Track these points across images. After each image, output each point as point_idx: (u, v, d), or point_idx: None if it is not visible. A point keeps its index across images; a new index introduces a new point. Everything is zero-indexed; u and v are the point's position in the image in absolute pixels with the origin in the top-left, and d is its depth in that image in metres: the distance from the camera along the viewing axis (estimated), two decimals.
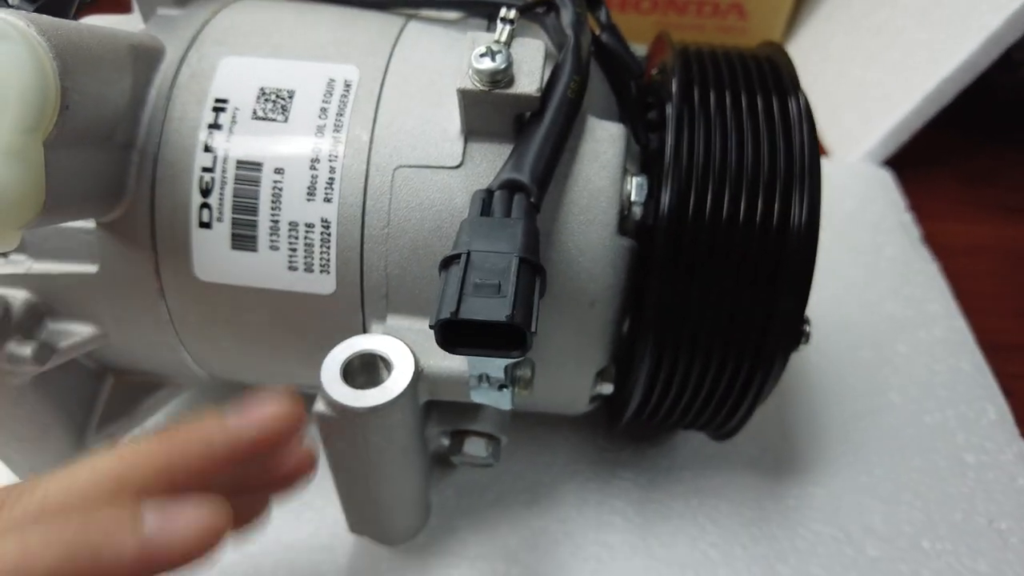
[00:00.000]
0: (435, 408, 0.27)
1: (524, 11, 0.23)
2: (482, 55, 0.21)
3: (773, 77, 0.27)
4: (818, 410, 0.36)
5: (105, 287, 0.25)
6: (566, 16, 0.24)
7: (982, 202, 0.54)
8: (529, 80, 0.22)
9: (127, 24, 0.27)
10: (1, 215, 0.19)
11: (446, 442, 0.28)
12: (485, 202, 0.21)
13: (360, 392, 0.22)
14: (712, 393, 0.26)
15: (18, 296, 0.26)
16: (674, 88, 0.25)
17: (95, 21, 0.29)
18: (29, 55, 0.19)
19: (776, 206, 0.24)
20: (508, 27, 0.22)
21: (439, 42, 0.26)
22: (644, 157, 0.26)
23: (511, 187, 0.22)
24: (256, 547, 0.27)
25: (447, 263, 0.20)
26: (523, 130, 0.22)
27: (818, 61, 0.61)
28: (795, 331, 0.25)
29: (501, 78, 0.21)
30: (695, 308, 0.24)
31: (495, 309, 0.18)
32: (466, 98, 0.22)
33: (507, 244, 0.20)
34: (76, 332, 0.27)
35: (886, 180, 0.50)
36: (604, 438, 0.34)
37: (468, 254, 0.19)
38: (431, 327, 0.19)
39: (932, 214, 0.51)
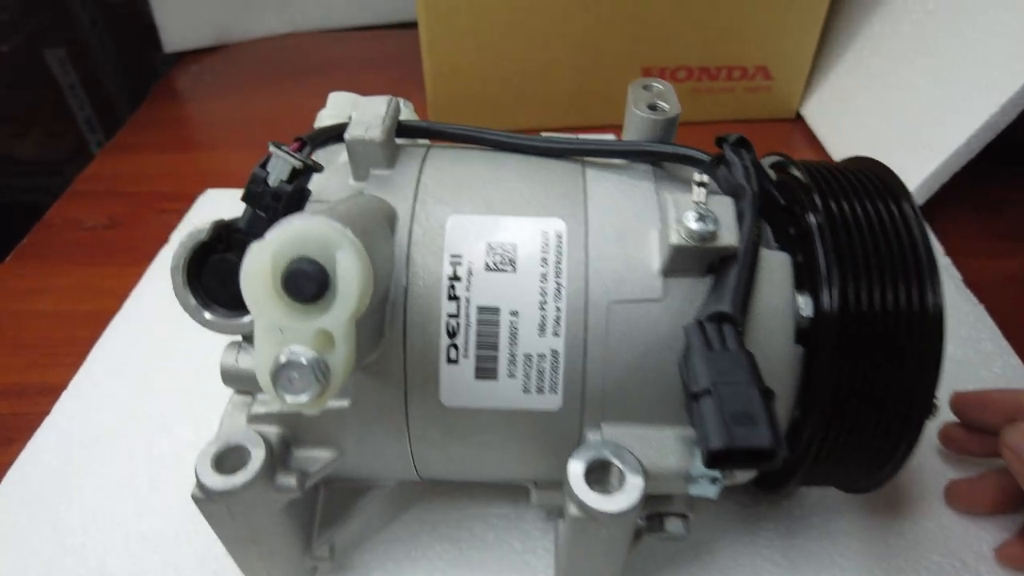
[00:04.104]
0: None
1: (708, 171, 0.28)
2: (696, 219, 0.26)
3: (882, 185, 0.32)
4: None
5: (355, 419, 0.30)
6: (737, 170, 0.29)
7: (1000, 234, 0.60)
8: (729, 234, 0.27)
9: (364, 107, 0.32)
10: (335, 388, 0.23)
11: (641, 522, 0.32)
12: (702, 333, 0.26)
13: (607, 497, 0.27)
14: (862, 458, 0.32)
15: (273, 432, 0.30)
16: (817, 202, 0.30)
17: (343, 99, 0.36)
18: (360, 259, 0.23)
19: (914, 296, 0.29)
20: (703, 190, 0.27)
21: (619, 188, 0.31)
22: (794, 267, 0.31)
23: (720, 319, 0.27)
24: None
25: (697, 396, 0.24)
26: (720, 269, 0.27)
27: (838, 116, 0.68)
28: (931, 401, 0.30)
29: (709, 236, 0.26)
30: (856, 390, 0.29)
31: (759, 438, 0.23)
32: (676, 251, 0.27)
33: (743, 375, 0.25)
34: (319, 457, 0.31)
35: None
36: (744, 495, 0.39)
37: (717, 388, 0.24)
38: (704, 453, 0.23)
39: (956, 250, 0.58)
